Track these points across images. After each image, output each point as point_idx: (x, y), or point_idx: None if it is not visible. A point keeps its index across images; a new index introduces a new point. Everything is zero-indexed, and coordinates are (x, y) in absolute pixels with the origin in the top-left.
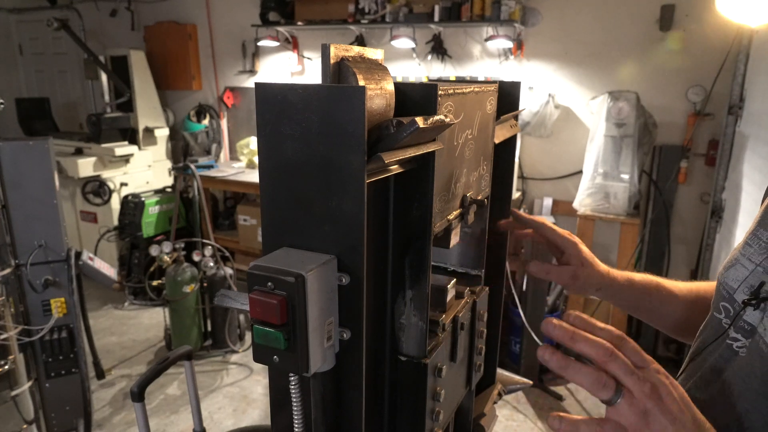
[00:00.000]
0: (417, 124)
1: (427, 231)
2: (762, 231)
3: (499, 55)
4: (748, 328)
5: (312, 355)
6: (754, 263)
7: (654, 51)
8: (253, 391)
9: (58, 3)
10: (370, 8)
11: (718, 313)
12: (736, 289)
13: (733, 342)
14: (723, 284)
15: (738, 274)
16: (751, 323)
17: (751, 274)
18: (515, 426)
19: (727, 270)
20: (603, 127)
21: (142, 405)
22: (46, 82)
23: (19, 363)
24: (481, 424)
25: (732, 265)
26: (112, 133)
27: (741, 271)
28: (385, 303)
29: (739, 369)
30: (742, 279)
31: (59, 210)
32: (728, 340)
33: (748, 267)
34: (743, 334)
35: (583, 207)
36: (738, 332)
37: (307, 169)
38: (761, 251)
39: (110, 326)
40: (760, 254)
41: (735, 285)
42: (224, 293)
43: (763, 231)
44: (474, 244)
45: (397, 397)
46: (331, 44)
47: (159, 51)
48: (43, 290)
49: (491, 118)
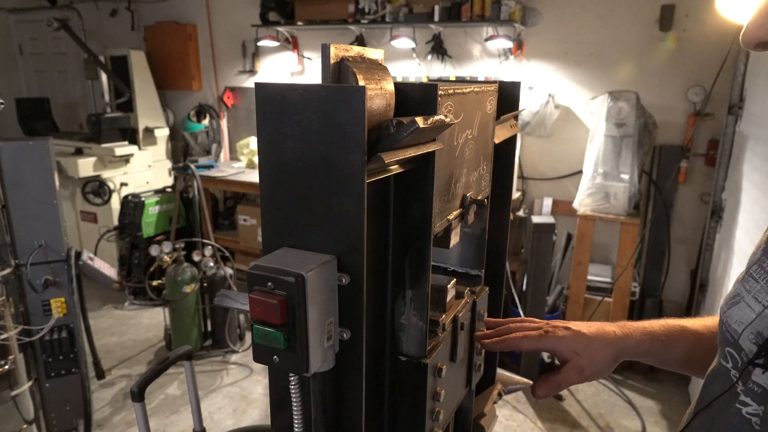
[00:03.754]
0: (417, 124)
1: (427, 231)
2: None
3: (499, 55)
4: (759, 391)
5: (312, 355)
6: (762, 304)
7: (654, 51)
8: (253, 391)
9: (58, 3)
10: (370, 8)
11: (725, 361)
12: (741, 333)
13: (742, 407)
14: (726, 324)
15: (743, 315)
16: (762, 386)
17: (758, 318)
18: (515, 426)
19: (729, 308)
20: (603, 127)
21: (142, 405)
22: (46, 82)
23: (19, 363)
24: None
25: (735, 303)
26: (112, 133)
27: (746, 313)
28: (385, 303)
29: None
30: (747, 322)
31: (59, 210)
32: (737, 403)
33: (754, 308)
34: (754, 398)
35: (583, 207)
36: (748, 395)
37: (307, 169)
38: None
39: (110, 326)
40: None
41: (739, 329)
42: (224, 293)
43: None
44: (474, 244)
45: (397, 397)
46: (331, 44)
47: (159, 51)
48: (43, 290)
49: (491, 118)
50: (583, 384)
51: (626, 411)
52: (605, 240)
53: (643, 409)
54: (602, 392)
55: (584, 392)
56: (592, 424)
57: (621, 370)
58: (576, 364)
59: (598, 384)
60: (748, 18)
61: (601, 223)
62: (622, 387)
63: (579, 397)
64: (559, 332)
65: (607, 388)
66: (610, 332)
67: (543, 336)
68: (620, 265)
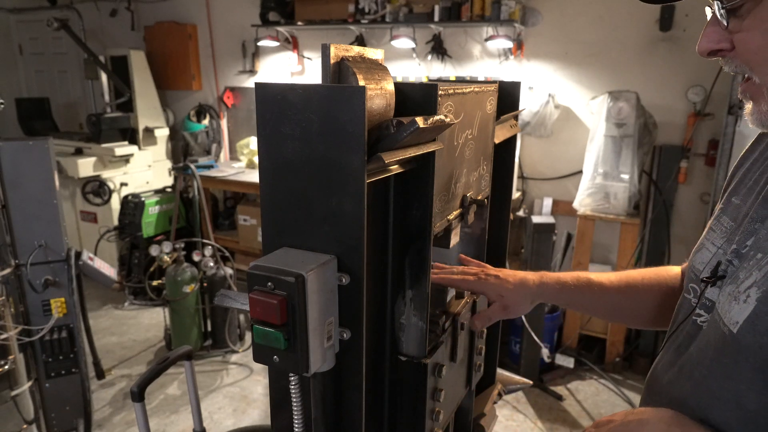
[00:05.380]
0: (417, 124)
1: (427, 231)
2: (724, 217)
3: (499, 55)
4: (709, 304)
5: (312, 355)
6: (716, 246)
7: (654, 51)
8: (253, 391)
9: (58, 3)
10: (370, 8)
11: (687, 294)
12: (702, 270)
13: (697, 317)
14: (692, 267)
15: (703, 257)
16: (711, 299)
17: (713, 256)
18: (515, 426)
19: (695, 254)
20: (603, 127)
21: (142, 405)
22: (46, 82)
23: (19, 363)
24: (481, 424)
25: (699, 250)
26: (112, 133)
27: (706, 254)
28: (385, 303)
29: (700, 340)
30: (706, 261)
31: (59, 210)
32: (694, 316)
33: (711, 250)
34: (705, 309)
35: (583, 207)
36: (701, 308)
37: (307, 169)
38: (722, 235)
39: (110, 326)
40: (721, 238)
41: (701, 267)
42: (224, 293)
43: (725, 217)
44: (474, 244)
45: (397, 397)
46: (331, 44)
47: (159, 51)
48: (43, 290)
49: (491, 118)
50: (584, 384)
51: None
52: (605, 240)
53: None
54: (602, 392)
55: (584, 392)
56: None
57: (621, 370)
58: (501, 304)
59: (598, 384)
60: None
61: (601, 223)
62: (622, 387)
63: (579, 397)
64: (491, 279)
65: (607, 388)
66: (529, 281)
67: (476, 280)
68: (620, 265)
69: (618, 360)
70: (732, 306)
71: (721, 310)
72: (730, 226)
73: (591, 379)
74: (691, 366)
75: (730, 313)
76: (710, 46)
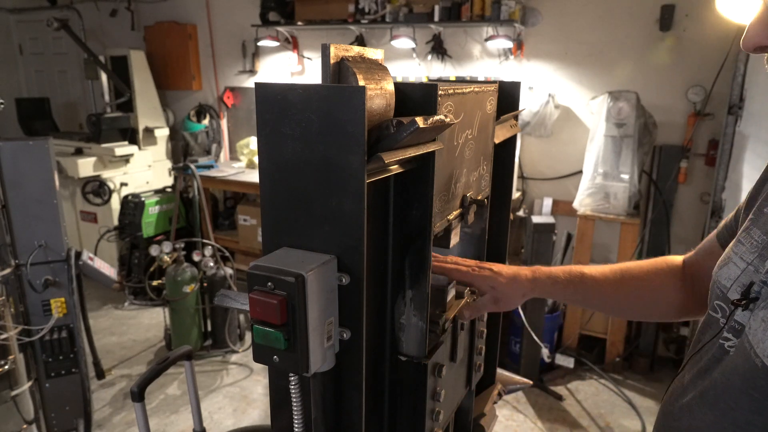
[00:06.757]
0: (417, 124)
1: (427, 231)
2: (755, 229)
3: (499, 55)
4: (738, 327)
5: (312, 355)
6: (746, 262)
7: (654, 51)
8: (253, 391)
9: (58, 3)
10: (370, 8)
11: (714, 312)
12: (729, 288)
13: (725, 341)
14: (717, 282)
15: (730, 272)
16: (741, 323)
17: (743, 273)
18: (515, 426)
19: (720, 268)
20: (603, 127)
21: (142, 405)
22: (46, 82)
23: (19, 363)
24: (481, 424)
25: (725, 264)
26: (112, 133)
27: (733, 270)
28: (385, 303)
29: (725, 366)
30: (734, 278)
31: (59, 210)
32: (721, 339)
33: (739, 266)
34: (734, 333)
35: (583, 207)
36: (730, 332)
37: (307, 169)
38: (753, 249)
39: (110, 326)
40: (751, 253)
41: (728, 284)
42: (224, 293)
43: (756, 230)
44: (474, 244)
45: (397, 397)
46: (331, 44)
47: (159, 51)
48: (43, 290)
49: (491, 118)
50: (584, 384)
51: (626, 411)
52: (605, 240)
53: (643, 409)
54: (602, 392)
55: (584, 392)
56: (592, 424)
57: (621, 370)
58: (491, 296)
59: (598, 384)
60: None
61: (601, 223)
62: (622, 387)
63: (579, 397)
64: (484, 272)
65: (607, 388)
66: (522, 275)
67: (470, 273)
68: None
69: (618, 360)
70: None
71: (753, 337)
72: (763, 241)
73: (591, 379)
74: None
75: (764, 344)
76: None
